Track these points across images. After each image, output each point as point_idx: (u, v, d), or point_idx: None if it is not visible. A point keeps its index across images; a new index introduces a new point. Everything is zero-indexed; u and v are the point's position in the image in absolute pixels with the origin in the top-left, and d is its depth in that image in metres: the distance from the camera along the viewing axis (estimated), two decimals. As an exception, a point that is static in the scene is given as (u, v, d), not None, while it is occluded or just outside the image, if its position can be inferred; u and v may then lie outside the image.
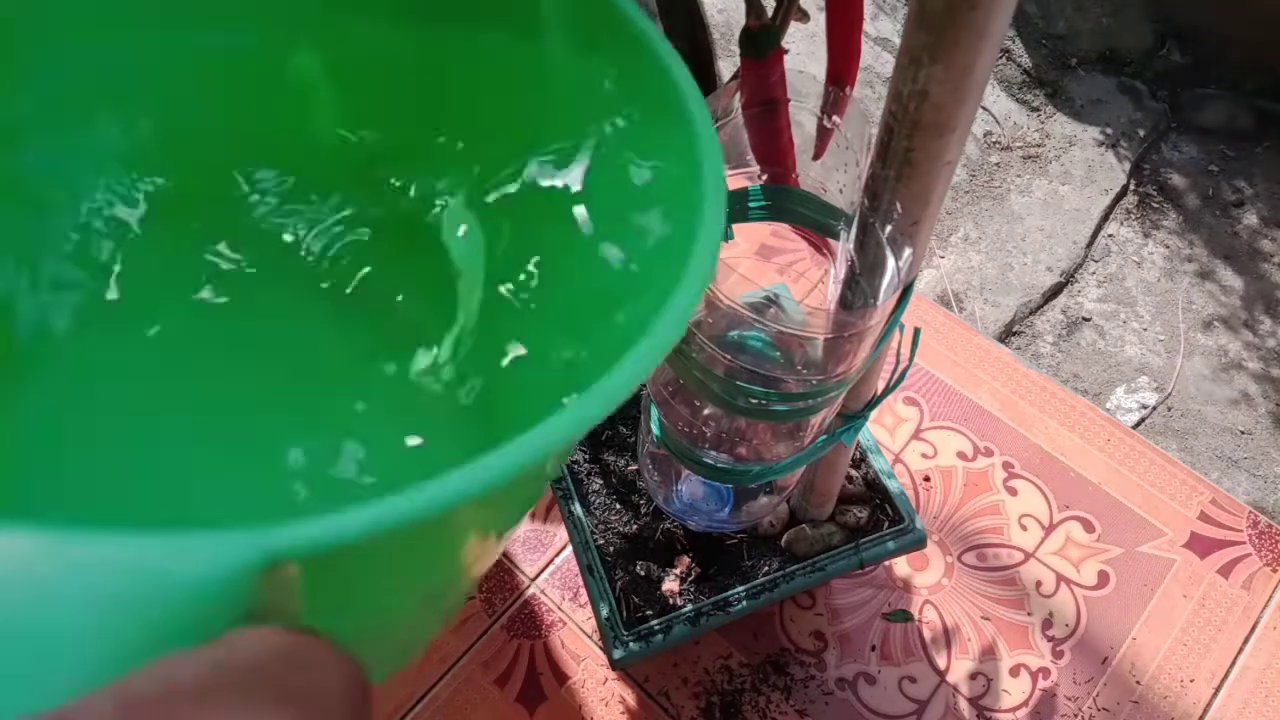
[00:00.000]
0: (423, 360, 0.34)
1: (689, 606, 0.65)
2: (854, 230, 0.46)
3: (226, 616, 0.12)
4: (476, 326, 0.34)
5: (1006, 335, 1.17)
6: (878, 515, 0.69)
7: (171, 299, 0.34)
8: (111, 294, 0.32)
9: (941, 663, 0.73)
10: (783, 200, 0.45)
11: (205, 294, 0.34)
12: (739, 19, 0.40)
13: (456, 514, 0.16)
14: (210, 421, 0.32)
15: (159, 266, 0.34)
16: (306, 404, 0.33)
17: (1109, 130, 1.38)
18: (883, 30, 1.48)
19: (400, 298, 0.36)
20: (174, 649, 0.11)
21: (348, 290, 0.36)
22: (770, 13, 0.41)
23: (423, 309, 0.35)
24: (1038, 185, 1.32)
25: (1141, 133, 1.38)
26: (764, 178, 0.45)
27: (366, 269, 0.36)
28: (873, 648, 0.74)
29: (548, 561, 0.76)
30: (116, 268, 0.33)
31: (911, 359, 0.52)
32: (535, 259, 0.33)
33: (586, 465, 0.71)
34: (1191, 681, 0.74)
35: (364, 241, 0.36)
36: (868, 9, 1.46)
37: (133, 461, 0.30)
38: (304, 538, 0.13)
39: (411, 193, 0.35)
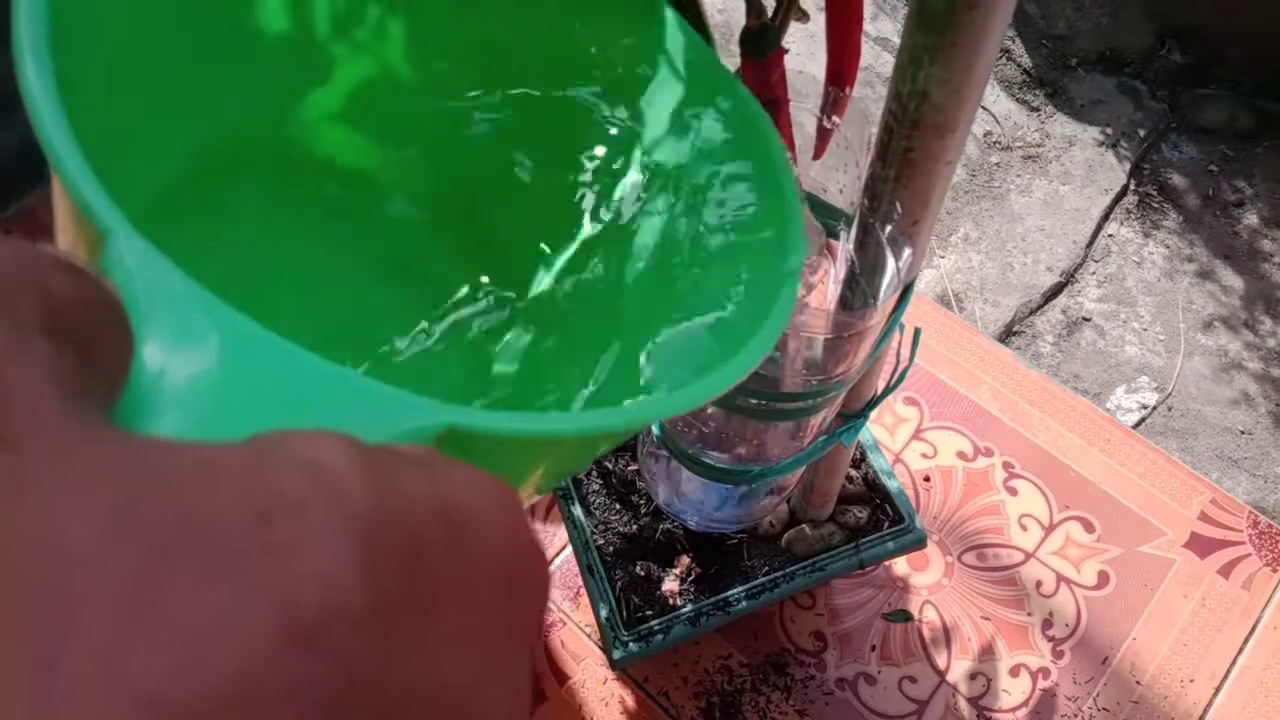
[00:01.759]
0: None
1: (689, 606, 0.65)
2: (854, 230, 0.46)
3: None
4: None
5: (1007, 335, 1.17)
6: (878, 515, 0.69)
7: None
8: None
9: (941, 663, 0.73)
10: (783, 200, 0.45)
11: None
12: (739, 19, 0.40)
13: (590, 437, 0.21)
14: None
15: None
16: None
17: (1109, 130, 1.38)
18: (883, 30, 1.48)
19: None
20: None
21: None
22: (770, 12, 0.41)
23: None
24: (1038, 185, 1.32)
25: (1142, 133, 1.38)
26: (764, 178, 0.45)
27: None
28: (873, 648, 0.74)
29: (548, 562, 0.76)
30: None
31: (911, 359, 0.52)
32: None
33: (586, 465, 0.71)
34: (1191, 681, 0.74)
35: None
36: (868, 8, 1.46)
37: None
38: (481, 422, 0.18)
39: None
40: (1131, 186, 1.32)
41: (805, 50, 1.29)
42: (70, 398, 0.11)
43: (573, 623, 0.74)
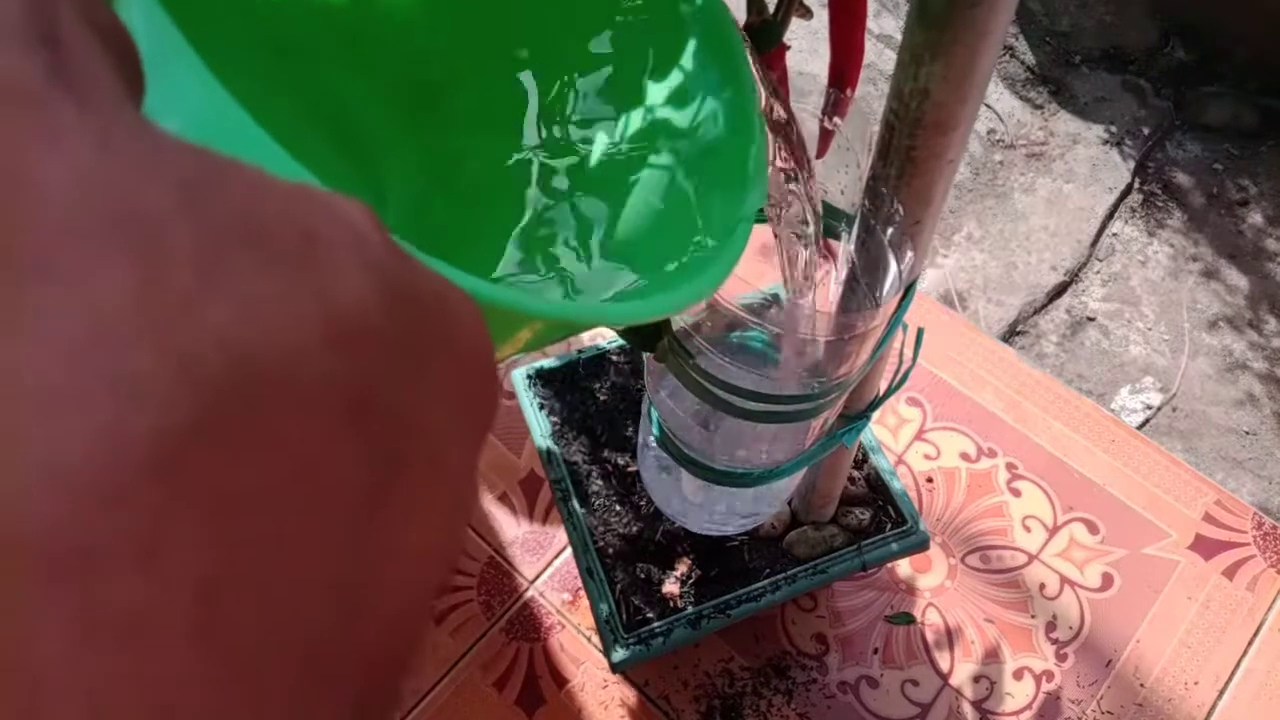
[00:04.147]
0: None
1: (690, 609, 0.64)
2: (855, 231, 0.45)
3: None
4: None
5: (1010, 335, 1.17)
6: (880, 517, 0.69)
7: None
8: None
9: (944, 666, 0.73)
10: (783, 200, 0.45)
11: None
12: (741, 16, 0.39)
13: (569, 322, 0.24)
14: None
15: None
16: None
17: (1113, 128, 1.37)
18: (885, 27, 1.48)
19: None
20: None
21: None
22: (772, 9, 0.40)
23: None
24: (1042, 183, 1.31)
25: (1146, 131, 1.37)
26: (764, 177, 0.45)
27: None
28: (875, 650, 0.73)
29: (547, 564, 0.76)
30: None
31: (914, 359, 0.51)
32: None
33: (586, 465, 0.70)
34: (1196, 684, 0.73)
35: None
36: (870, 6, 1.45)
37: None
38: (489, 293, 0.20)
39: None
40: (1136, 185, 1.32)
41: (808, 47, 1.29)
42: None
43: (572, 625, 0.73)
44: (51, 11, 0.11)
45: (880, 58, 1.43)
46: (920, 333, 0.52)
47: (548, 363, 0.75)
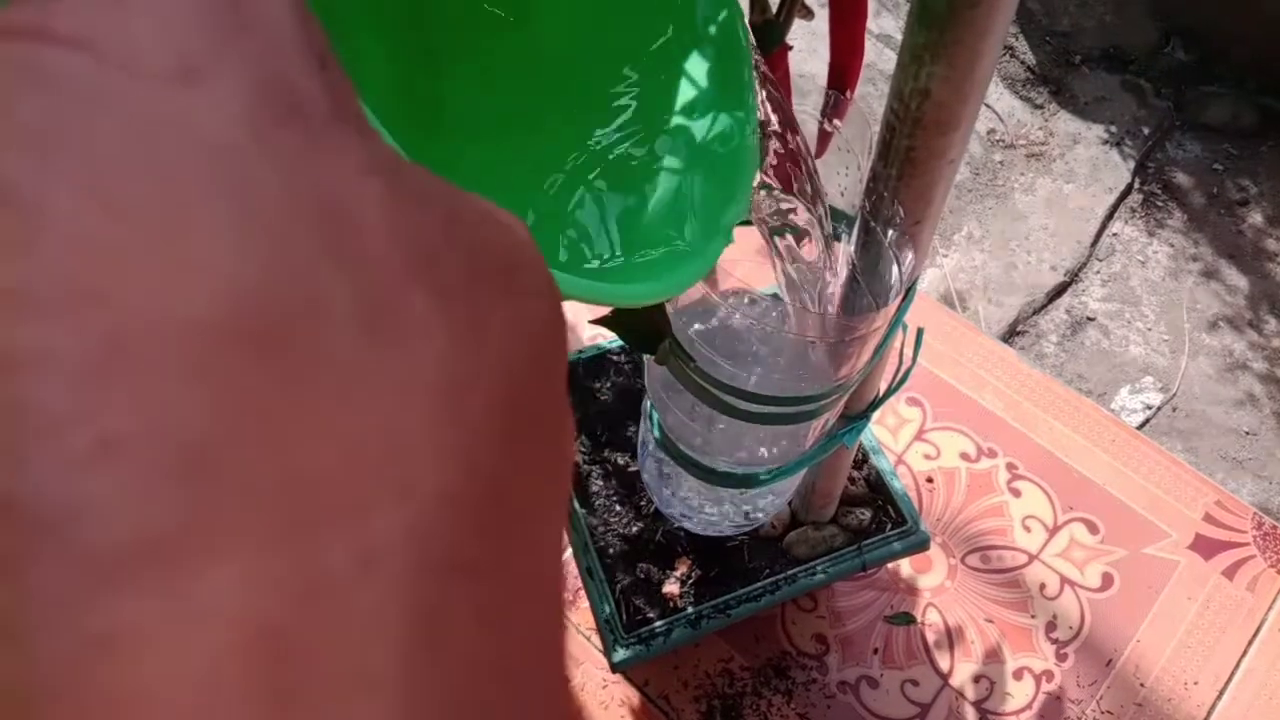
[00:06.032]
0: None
1: (690, 609, 0.64)
2: (855, 232, 0.45)
3: None
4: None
5: (1010, 335, 1.17)
6: (880, 517, 0.69)
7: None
8: None
9: (944, 666, 0.73)
10: (783, 201, 0.45)
11: None
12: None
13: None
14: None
15: None
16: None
17: (1113, 128, 1.37)
18: (885, 27, 1.48)
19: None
20: None
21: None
22: (774, 9, 0.40)
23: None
24: (1041, 184, 1.31)
25: (1146, 131, 1.37)
26: (764, 178, 0.45)
27: None
28: (875, 651, 0.73)
29: (548, 563, 0.76)
30: None
31: (914, 360, 0.51)
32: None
33: (587, 466, 0.71)
34: (1195, 684, 0.73)
35: None
36: (870, 6, 1.45)
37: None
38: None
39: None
40: (1136, 185, 1.32)
41: (807, 47, 1.29)
42: None
43: (572, 625, 0.73)
44: (316, 23, 0.11)
45: (880, 58, 1.43)
46: (920, 333, 0.52)
47: (548, 363, 0.76)
